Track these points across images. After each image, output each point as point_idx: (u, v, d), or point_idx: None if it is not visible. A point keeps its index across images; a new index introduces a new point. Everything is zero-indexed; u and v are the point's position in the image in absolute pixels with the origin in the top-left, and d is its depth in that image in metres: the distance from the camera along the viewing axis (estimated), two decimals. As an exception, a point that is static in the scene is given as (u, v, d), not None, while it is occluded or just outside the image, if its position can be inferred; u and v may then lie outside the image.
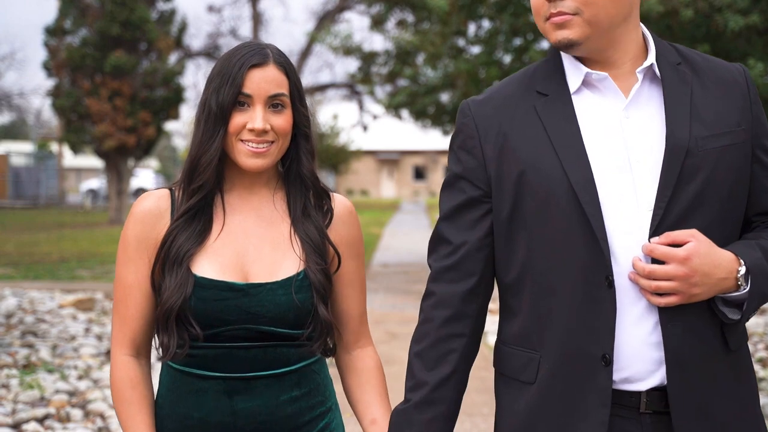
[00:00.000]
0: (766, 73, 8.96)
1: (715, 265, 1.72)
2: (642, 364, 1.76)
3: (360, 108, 37.91)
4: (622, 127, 1.80)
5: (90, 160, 53.39)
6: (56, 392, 5.93)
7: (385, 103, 16.12)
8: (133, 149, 24.44)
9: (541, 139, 1.82)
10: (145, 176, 41.18)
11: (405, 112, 16.56)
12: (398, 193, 58.90)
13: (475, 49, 13.99)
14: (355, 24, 67.38)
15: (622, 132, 1.80)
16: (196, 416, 1.98)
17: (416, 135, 38.16)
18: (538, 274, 1.81)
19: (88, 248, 17.10)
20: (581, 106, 1.83)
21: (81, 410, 5.57)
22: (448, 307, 1.88)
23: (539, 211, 1.80)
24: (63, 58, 24.03)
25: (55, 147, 40.31)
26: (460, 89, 13.44)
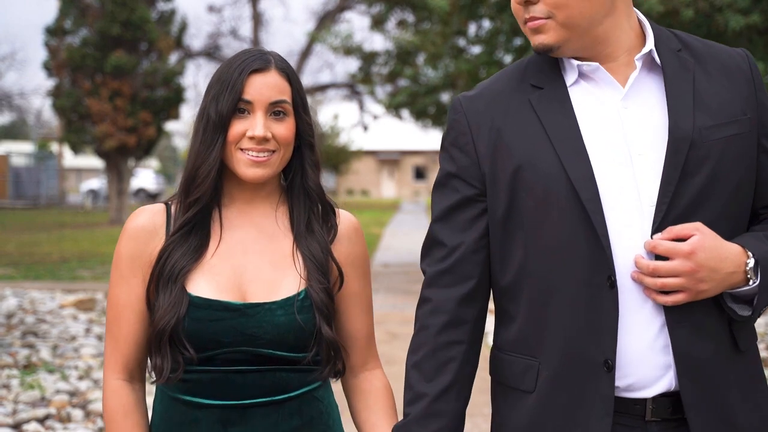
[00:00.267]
0: (766, 73, 8.94)
1: (722, 259, 1.62)
2: (647, 370, 1.66)
3: (360, 108, 37.93)
4: (621, 119, 1.71)
5: (90, 161, 53.44)
6: (57, 392, 5.92)
7: (386, 103, 16.13)
8: (133, 149, 24.45)
9: (538, 134, 1.72)
10: (146, 176, 41.15)
11: (405, 112, 16.59)
12: (399, 193, 58.87)
13: (476, 49, 14.00)
14: (356, 24, 67.52)
15: (621, 124, 1.70)
16: None
17: (417, 135, 38.14)
18: (536, 276, 1.72)
19: (88, 248, 17.10)
20: (578, 98, 1.74)
21: (82, 410, 5.57)
22: (445, 313, 1.77)
23: (537, 210, 1.71)
24: (63, 58, 24.05)
25: (55, 147, 40.36)
26: (460, 89, 13.42)
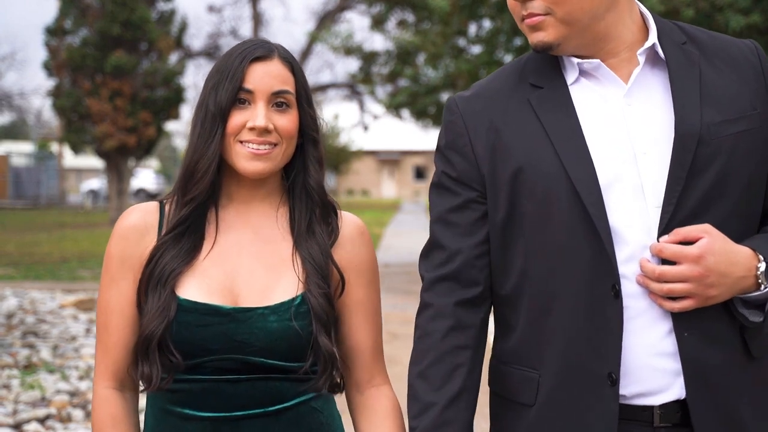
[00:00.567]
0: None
1: (731, 263, 1.54)
2: (655, 378, 1.59)
3: (361, 108, 37.94)
4: (624, 117, 1.63)
5: (90, 161, 53.44)
6: (57, 392, 5.92)
7: (386, 103, 16.12)
8: (133, 149, 24.44)
9: (537, 134, 1.64)
10: (146, 176, 41.16)
11: (406, 112, 16.58)
12: (399, 193, 58.86)
13: (476, 49, 14.00)
14: (356, 24, 67.45)
15: (624, 122, 1.63)
16: None
17: (417, 135, 38.11)
18: (537, 284, 1.64)
19: (88, 248, 17.09)
20: (579, 97, 1.66)
21: (82, 410, 5.56)
22: (449, 317, 1.68)
23: (538, 214, 1.63)
24: (63, 59, 24.04)
25: (55, 147, 40.34)
26: (460, 89, 13.37)
